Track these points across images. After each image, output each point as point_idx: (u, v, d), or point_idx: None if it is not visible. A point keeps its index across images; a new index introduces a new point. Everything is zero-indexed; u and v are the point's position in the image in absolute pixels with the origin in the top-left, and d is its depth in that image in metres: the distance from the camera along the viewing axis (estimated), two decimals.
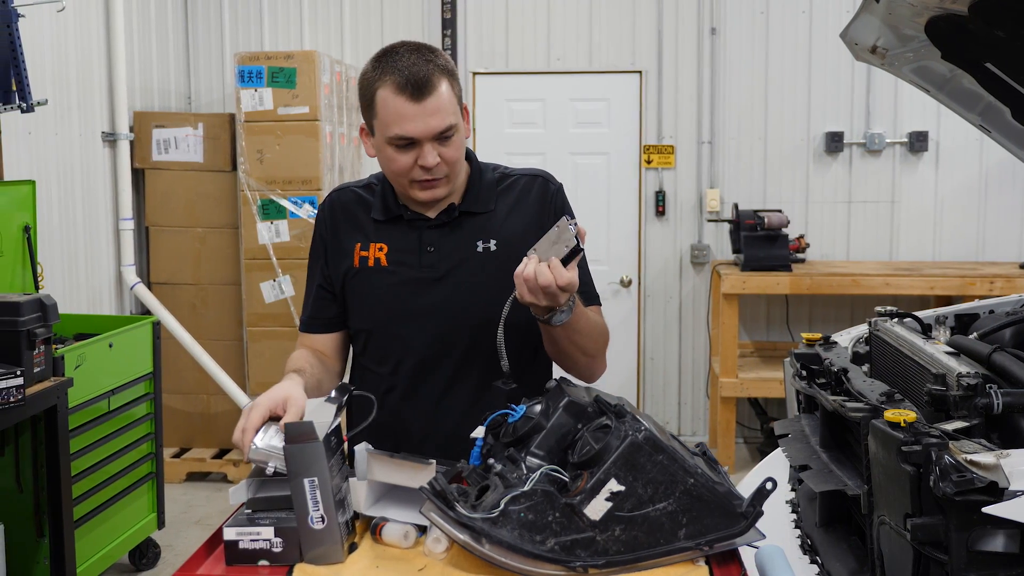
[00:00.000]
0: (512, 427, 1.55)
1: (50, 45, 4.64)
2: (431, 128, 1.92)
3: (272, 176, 5.16)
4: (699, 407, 6.19)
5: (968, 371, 2.12)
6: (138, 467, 4.11)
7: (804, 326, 5.93)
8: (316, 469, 1.47)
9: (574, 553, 1.42)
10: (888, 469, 2.01)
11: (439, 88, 1.93)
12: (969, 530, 1.83)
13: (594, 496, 1.42)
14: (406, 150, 1.95)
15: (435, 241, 2.06)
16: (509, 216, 2.09)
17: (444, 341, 2.03)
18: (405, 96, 1.90)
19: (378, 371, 2.11)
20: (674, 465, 1.45)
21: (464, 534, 1.40)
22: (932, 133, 5.81)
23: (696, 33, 5.94)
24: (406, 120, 1.91)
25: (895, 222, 5.94)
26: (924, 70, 3.06)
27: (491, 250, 2.05)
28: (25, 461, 3.52)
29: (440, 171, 1.98)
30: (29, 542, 3.53)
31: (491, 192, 2.11)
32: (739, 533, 1.48)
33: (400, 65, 1.92)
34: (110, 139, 5.17)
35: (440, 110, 1.93)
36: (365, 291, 2.09)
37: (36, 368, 3.25)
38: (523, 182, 2.14)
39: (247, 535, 1.50)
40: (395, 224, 2.09)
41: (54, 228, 4.67)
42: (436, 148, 1.95)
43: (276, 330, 5.23)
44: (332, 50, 6.05)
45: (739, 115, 5.97)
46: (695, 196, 6.03)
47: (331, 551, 1.49)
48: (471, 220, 2.08)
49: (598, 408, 1.55)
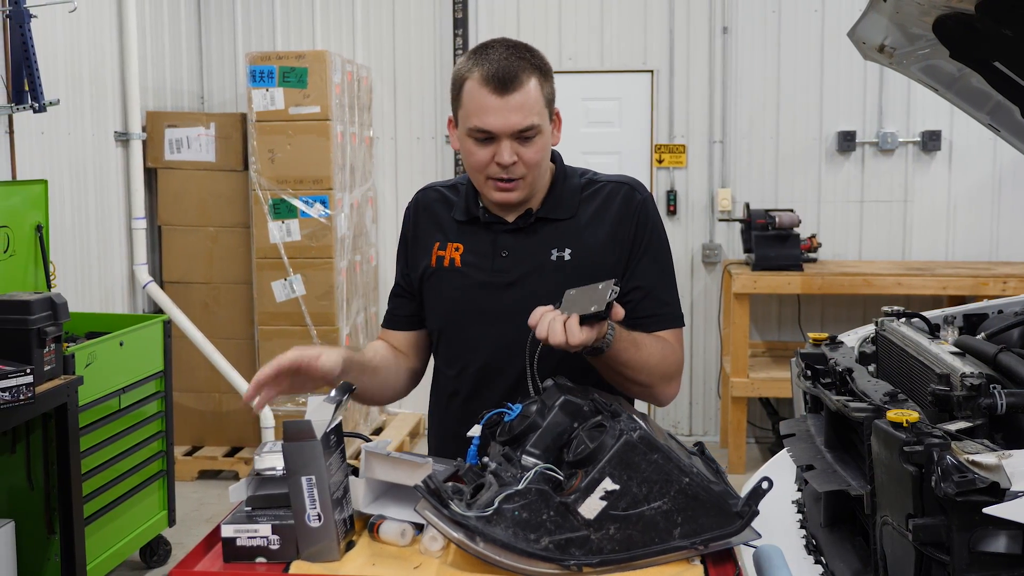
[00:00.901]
0: (508, 426, 1.56)
1: (63, 45, 4.67)
2: (511, 124, 1.90)
3: (283, 175, 5.18)
4: (711, 407, 6.18)
5: (972, 371, 2.12)
6: (149, 465, 4.14)
7: (816, 326, 5.91)
8: (314, 467, 1.48)
9: (568, 552, 1.42)
10: (890, 469, 2.00)
11: (526, 85, 1.91)
12: (971, 531, 1.82)
13: (589, 495, 1.43)
14: (484, 144, 1.93)
15: (509, 246, 2.03)
16: (590, 224, 2.05)
17: (509, 348, 1.97)
18: (489, 89, 1.89)
19: (446, 373, 2.12)
20: (669, 464, 1.45)
21: (458, 532, 1.40)
22: (945, 132, 5.78)
23: (708, 32, 5.93)
24: (487, 113, 1.90)
25: (908, 222, 5.91)
26: (932, 69, 3.05)
27: (565, 259, 2.01)
28: (36, 458, 3.54)
29: (517, 171, 1.95)
30: (40, 539, 3.55)
31: (574, 198, 2.07)
32: (734, 532, 1.48)
33: (491, 58, 1.91)
34: (123, 139, 5.20)
35: (523, 108, 1.90)
36: (438, 291, 2.08)
37: (46, 366, 3.27)
38: (608, 189, 2.08)
39: (245, 532, 1.51)
40: (473, 226, 2.07)
41: (67, 227, 4.70)
42: (515, 147, 1.92)
43: (287, 329, 5.25)
44: (344, 50, 6.07)
45: (751, 114, 5.96)
46: (706, 195, 6.02)
47: (327, 549, 1.50)
48: (548, 226, 2.04)
49: (594, 407, 1.56)
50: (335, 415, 1.51)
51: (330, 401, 1.51)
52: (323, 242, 5.20)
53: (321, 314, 5.24)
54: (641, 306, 2.03)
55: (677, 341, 2.08)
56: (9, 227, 3.87)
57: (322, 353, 1.80)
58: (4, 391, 2.97)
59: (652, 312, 2.05)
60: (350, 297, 5.46)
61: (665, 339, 2.03)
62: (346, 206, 5.39)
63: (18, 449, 3.55)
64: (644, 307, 2.04)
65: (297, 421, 1.46)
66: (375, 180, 6.08)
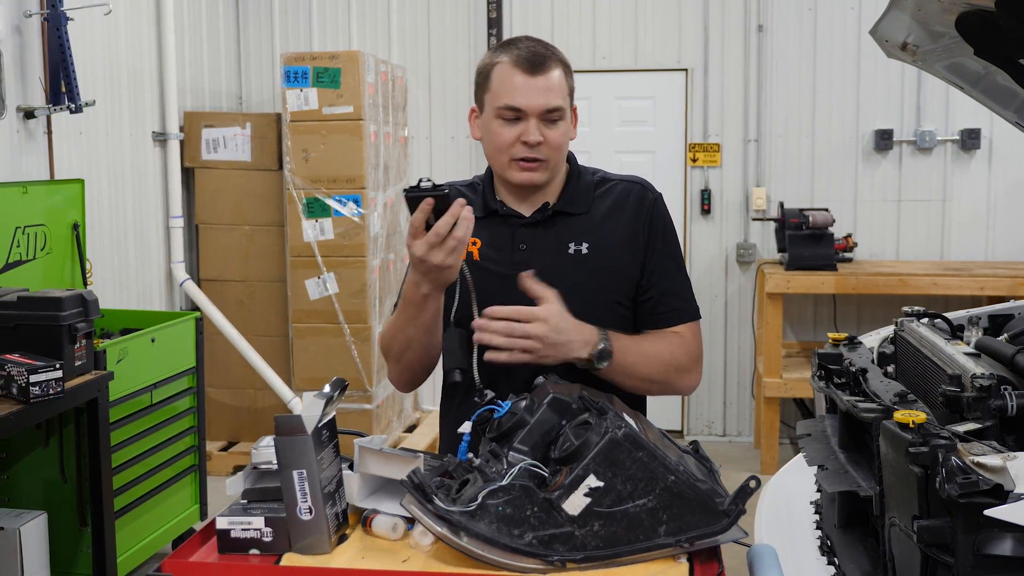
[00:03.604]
0: (497, 423, 1.58)
1: (102, 47, 4.76)
2: (540, 103, 1.99)
3: (317, 175, 5.24)
4: (744, 407, 6.14)
5: (982, 372, 2.09)
6: (181, 459, 4.21)
7: (852, 326, 5.85)
8: (304, 462, 1.50)
9: (552, 547, 1.43)
10: (897, 470, 1.99)
11: (554, 70, 2.02)
12: (976, 533, 1.80)
13: (573, 491, 1.43)
14: (512, 124, 2.02)
15: (528, 239, 2.08)
16: (604, 221, 2.10)
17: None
18: (521, 69, 2.00)
19: None
20: (654, 462, 1.46)
21: (442, 527, 1.42)
22: (985, 131, 5.70)
23: (743, 30, 5.89)
24: (517, 91, 2.00)
25: (946, 221, 5.83)
26: (957, 67, 3.01)
27: (583, 253, 2.06)
28: (69, 452, 3.62)
29: (542, 152, 2.02)
30: (72, 531, 3.63)
31: (588, 194, 2.12)
32: (720, 531, 1.48)
33: (520, 46, 2.03)
34: (160, 139, 5.29)
35: (551, 89, 2.01)
36: (455, 284, 2.11)
37: (77, 362, 3.33)
38: (621, 188, 2.14)
39: (239, 524, 1.54)
40: (491, 220, 2.12)
41: (105, 226, 4.80)
42: (541, 128, 2.00)
43: (320, 326, 5.30)
44: (379, 50, 6.12)
45: (786, 113, 5.91)
46: (741, 195, 5.98)
47: (318, 542, 1.52)
48: (565, 220, 2.10)
49: (583, 405, 1.57)
50: (326, 410, 1.53)
51: (321, 396, 1.53)
52: (356, 241, 5.25)
53: (354, 312, 5.28)
54: (659, 304, 2.10)
55: (693, 334, 2.12)
56: (47, 225, 3.96)
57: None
58: (34, 385, 3.03)
59: (669, 309, 2.10)
60: (383, 295, 5.50)
61: (673, 333, 2.08)
62: (379, 205, 5.44)
63: (51, 443, 3.63)
64: (662, 304, 2.10)
65: (288, 416, 1.49)
66: (409, 179, 6.13)
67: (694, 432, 6.19)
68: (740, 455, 5.89)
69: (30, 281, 3.80)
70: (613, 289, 2.02)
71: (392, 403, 5.63)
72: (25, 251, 3.83)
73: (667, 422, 6.18)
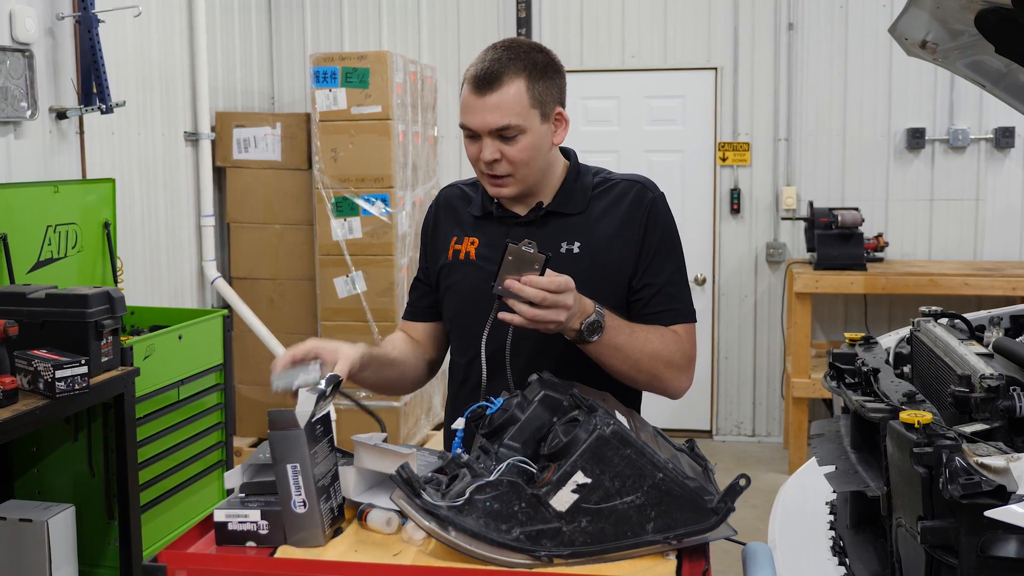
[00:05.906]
0: (489, 419, 1.59)
1: (133, 48, 4.83)
2: (486, 123, 1.96)
3: (346, 174, 5.28)
4: (774, 407, 6.10)
5: (991, 373, 2.08)
6: (208, 455, 4.26)
7: (883, 326, 5.79)
8: (298, 456, 1.53)
9: (539, 543, 1.44)
10: (903, 471, 1.98)
11: (506, 86, 1.95)
12: (980, 534, 1.79)
13: (560, 488, 1.45)
14: (472, 141, 2.02)
15: (520, 238, 2.09)
16: (600, 220, 2.09)
17: (516, 339, 2.00)
18: (471, 87, 1.97)
19: (459, 362, 2.19)
20: (642, 460, 1.47)
21: (430, 521, 1.44)
22: (1019, 129, 5.62)
23: (773, 29, 5.86)
24: (466, 111, 1.99)
25: (980, 221, 5.76)
26: (978, 65, 2.98)
27: (574, 252, 2.06)
28: (96, 447, 3.68)
29: (500, 168, 2.00)
30: (100, 524, 3.70)
31: (585, 194, 2.11)
32: (708, 528, 1.48)
33: (483, 58, 1.99)
34: (192, 138, 5.37)
35: (500, 108, 1.95)
36: (452, 283, 2.15)
37: (103, 358, 3.40)
38: (620, 187, 2.12)
39: (236, 517, 1.58)
40: (488, 220, 2.14)
41: (137, 225, 4.87)
42: (498, 145, 1.98)
43: (348, 324, 5.35)
44: (409, 50, 6.16)
45: (817, 111, 5.87)
46: (771, 194, 5.95)
47: (313, 535, 1.54)
48: (559, 220, 2.09)
49: (574, 402, 1.58)
50: (319, 405, 1.56)
51: (314, 392, 1.56)
52: (384, 239, 5.29)
53: (381, 310, 5.32)
54: (652, 302, 2.07)
55: (688, 336, 2.09)
56: (78, 224, 4.03)
57: (339, 348, 1.85)
58: (60, 381, 3.10)
59: (663, 308, 2.07)
60: None
61: (671, 331, 2.05)
62: (408, 204, 5.47)
63: (80, 437, 3.69)
64: (655, 303, 2.07)
65: (282, 411, 1.51)
66: (439, 178, 6.16)
67: (723, 432, 6.16)
68: (769, 455, 5.86)
69: (62, 278, 3.87)
70: (605, 287, 2.02)
71: (420, 401, 5.66)
72: (57, 249, 3.91)
73: (696, 423, 6.16)
